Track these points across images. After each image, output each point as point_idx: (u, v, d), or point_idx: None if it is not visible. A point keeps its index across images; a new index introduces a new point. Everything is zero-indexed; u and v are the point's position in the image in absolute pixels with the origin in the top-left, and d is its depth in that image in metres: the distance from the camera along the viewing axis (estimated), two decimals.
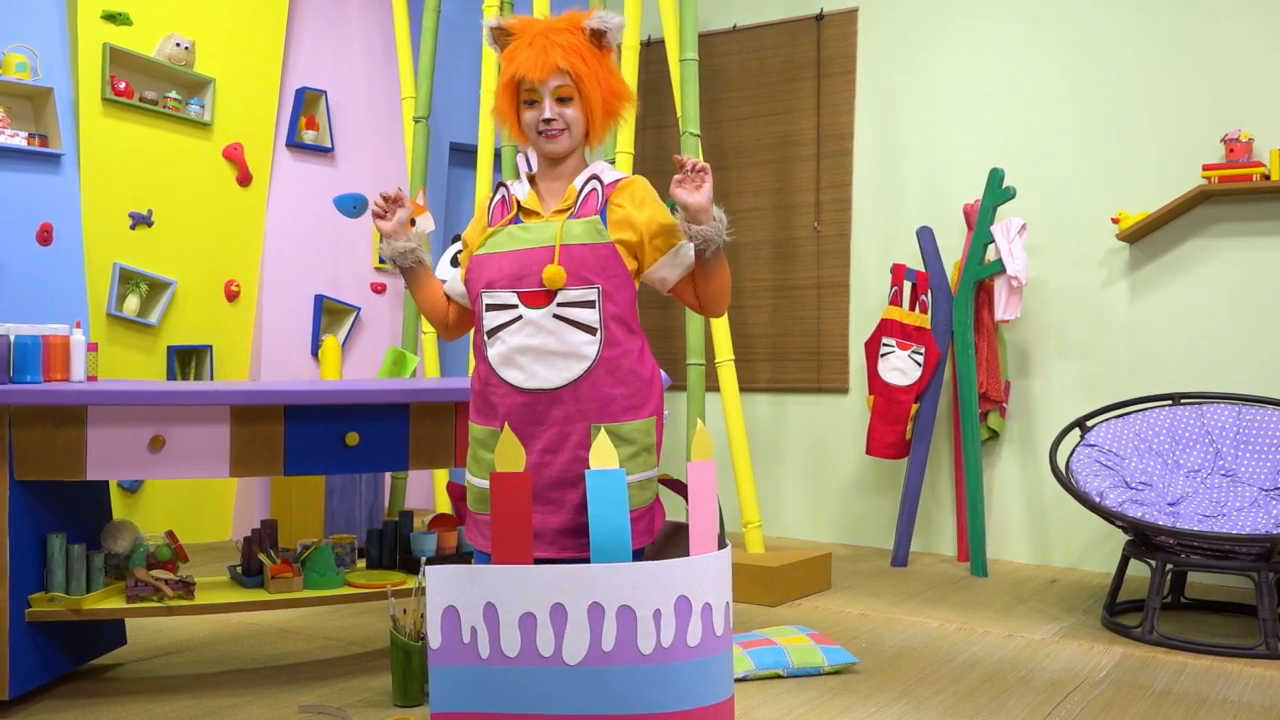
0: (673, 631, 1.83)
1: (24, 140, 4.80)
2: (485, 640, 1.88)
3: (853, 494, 5.88)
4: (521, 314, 2.22)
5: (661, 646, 1.83)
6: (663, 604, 1.83)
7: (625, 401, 2.24)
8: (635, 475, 2.22)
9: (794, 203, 6.07)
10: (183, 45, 5.30)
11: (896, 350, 5.25)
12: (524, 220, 2.29)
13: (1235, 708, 3.15)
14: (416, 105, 5.83)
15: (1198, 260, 4.98)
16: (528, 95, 2.25)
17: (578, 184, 2.30)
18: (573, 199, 2.28)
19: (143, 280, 5.23)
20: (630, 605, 1.82)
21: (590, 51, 2.25)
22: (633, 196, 2.29)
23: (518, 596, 1.84)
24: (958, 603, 4.48)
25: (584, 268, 2.22)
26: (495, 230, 2.30)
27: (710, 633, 1.87)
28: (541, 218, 2.28)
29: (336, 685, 3.26)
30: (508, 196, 2.35)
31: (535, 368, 2.21)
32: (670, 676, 1.82)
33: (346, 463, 3.23)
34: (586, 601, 1.82)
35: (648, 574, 1.82)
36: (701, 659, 1.85)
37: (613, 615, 1.82)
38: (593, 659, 1.83)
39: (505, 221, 2.30)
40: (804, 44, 6.07)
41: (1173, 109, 5.05)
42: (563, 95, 2.24)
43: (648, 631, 1.81)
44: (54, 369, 3.19)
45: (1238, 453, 4.28)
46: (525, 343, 2.22)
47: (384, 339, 6.17)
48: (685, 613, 1.85)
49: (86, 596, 3.06)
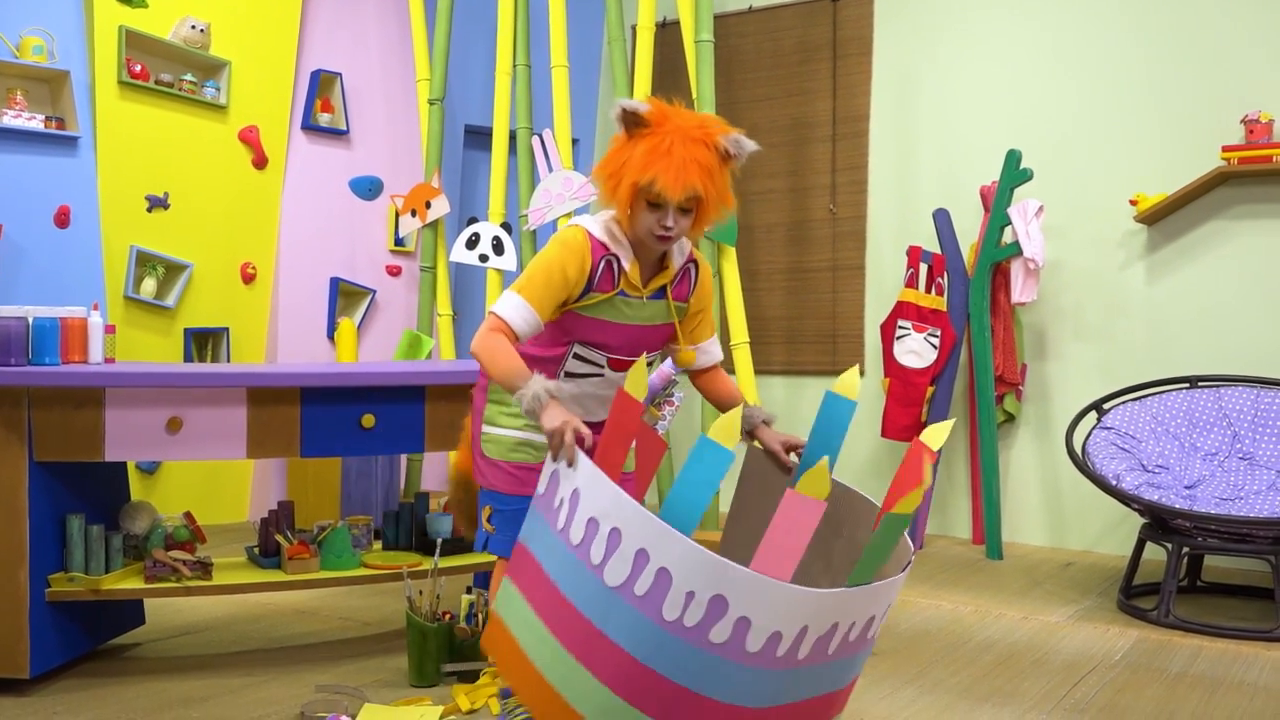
0: (873, 632, 2.06)
1: (41, 123, 4.82)
2: (698, 622, 1.90)
3: (868, 476, 5.87)
4: (604, 374, 2.56)
5: (864, 640, 2.06)
6: (878, 611, 2.04)
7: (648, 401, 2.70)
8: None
9: (809, 185, 6.05)
10: (198, 28, 5.30)
11: (912, 333, 5.24)
12: (627, 294, 2.50)
13: (1251, 690, 3.15)
14: (431, 87, 5.83)
15: (1216, 242, 4.95)
16: (654, 199, 2.36)
17: (676, 263, 2.55)
18: (670, 277, 2.54)
19: (159, 263, 5.25)
20: (864, 620, 2.01)
21: (718, 169, 2.38)
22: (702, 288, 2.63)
23: (768, 612, 1.89)
24: (973, 585, 4.48)
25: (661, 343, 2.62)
26: (601, 299, 2.47)
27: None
28: (640, 293, 2.51)
29: (353, 665, 3.28)
30: (615, 268, 2.47)
31: (596, 409, 2.57)
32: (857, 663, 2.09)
33: (362, 444, 3.25)
34: (829, 623, 1.94)
35: (873, 593, 1.98)
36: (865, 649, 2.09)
37: (844, 630, 1.97)
38: (810, 660, 1.98)
39: (613, 293, 2.48)
40: (820, 25, 6.03)
41: (1192, 90, 5.00)
42: (686, 208, 2.39)
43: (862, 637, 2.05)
44: (72, 351, 3.20)
45: (1255, 436, 4.26)
46: (597, 393, 2.56)
47: (399, 321, 6.18)
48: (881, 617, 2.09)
49: (105, 577, 3.08)
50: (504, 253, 5.49)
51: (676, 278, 2.55)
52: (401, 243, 6.13)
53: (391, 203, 6.07)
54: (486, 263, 5.48)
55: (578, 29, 6.39)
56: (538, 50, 5.91)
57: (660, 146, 2.31)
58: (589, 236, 2.44)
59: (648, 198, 2.36)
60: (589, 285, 2.44)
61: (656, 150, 2.31)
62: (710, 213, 2.41)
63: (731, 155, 2.38)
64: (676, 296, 2.56)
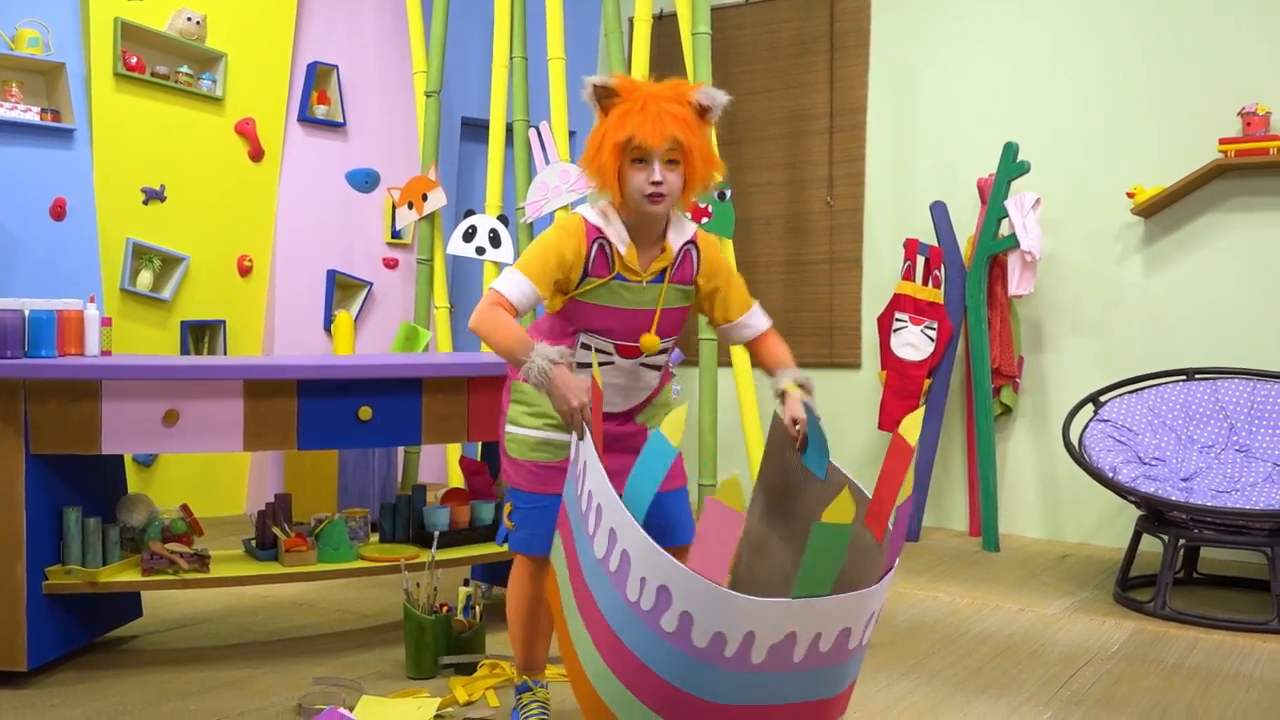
0: (861, 639, 2.05)
1: (37, 115, 4.80)
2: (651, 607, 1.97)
3: (865, 469, 5.88)
4: (615, 361, 2.54)
5: (852, 649, 2.04)
6: (855, 623, 2.01)
7: (661, 384, 2.66)
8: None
9: (807, 177, 6.05)
10: (194, 20, 5.29)
11: (909, 325, 5.24)
12: (625, 277, 2.48)
13: (1247, 682, 3.15)
14: (428, 80, 5.82)
15: (1213, 235, 4.95)
16: (637, 155, 2.38)
17: (674, 244, 2.52)
18: (670, 260, 2.51)
19: (156, 255, 5.24)
20: (834, 631, 1.99)
21: (696, 123, 2.40)
22: (710, 265, 2.58)
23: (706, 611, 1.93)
24: (970, 577, 4.49)
25: (672, 327, 2.57)
26: (598, 284, 2.47)
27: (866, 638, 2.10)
28: (640, 277, 2.49)
29: (350, 658, 3.28)
30: (609, 250, 2.47)
31: (614, 398, 2.56)
32: (839, 675, 2.06)
33: (359, 437, 3.24)
34: (782, 631, 1.95)
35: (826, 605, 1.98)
36: (853, 658, 2.07)
37: (809, 640, 1.97)
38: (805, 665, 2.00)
39: (609, 278, 2.48)
40: (817, 17, 6.03)
41: (1189, 82, 5.00)
42: (671, 159, 2.39)
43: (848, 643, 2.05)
44: (68, 343, 3.20)
45: (1252, 428, 4.26)
46: (611, 381, 2.54)
47: (396, 314, 6.18)
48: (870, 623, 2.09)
49: (102, 569, 3.08)
50: (501, 245, 5.49)
51: (677, 260, 2.52)
52: (398, 235, 6.12)
53: (388, 195, 6.06)
54: (483, 255, 5.47)
55: (575, 21, 6.38)
56: (535, 42, 5.90)
57: (634, 105, 2.37)
58: (584, 220, 2.48)
59: (632, 155, 2.38)
60: (586, 270, 2.46)
61: (630, 110, 2.36)
62: (697, 168, 2.41)
63: (705, 108, 2.41)
64: (679, 279, 2.54)
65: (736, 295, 2.64)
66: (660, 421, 2.49)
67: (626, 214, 2.47)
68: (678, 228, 2.54)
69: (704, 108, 2.41)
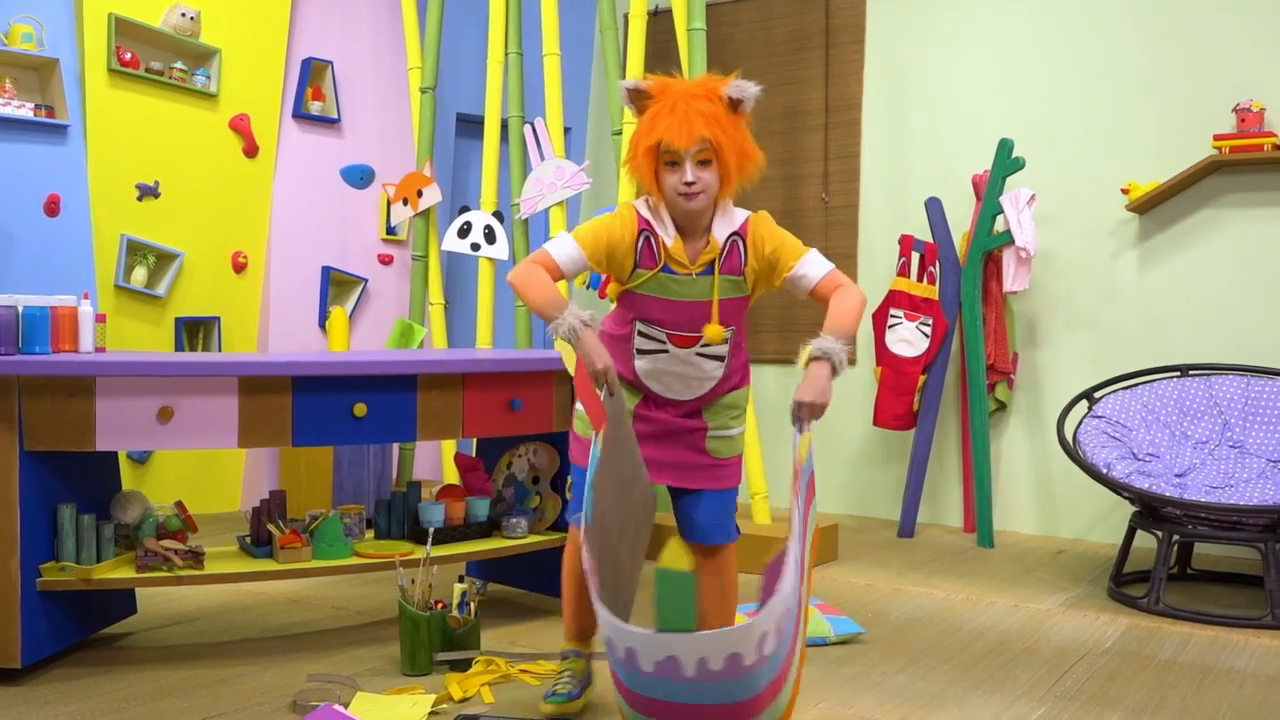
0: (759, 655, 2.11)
1: (30, 111, 4.79)
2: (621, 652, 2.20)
3: (860, 465, 5.89)
4: (669, 350, 2.59)
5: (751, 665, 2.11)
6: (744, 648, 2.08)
7: (731, 382, 2.69)
8: (740, 428, 2.74)
9: (802, 173, 6.05)
10: (188, 15, 5.28)
11: (904, 321, 5.24)
12: (673, 270, 2.54)
13: (1241, 678, 3.16)
14: (423, 75, 5.81)
15: (1208, 231, 4.96)
16: (669, 158, 2.45)
17: (719, 237, 2.55)
18: (716, 252, 2.55)
19: (150, 252, 5.23)
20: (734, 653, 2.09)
21: (728, 118, 2.45)
22: (759, 246, 2.56)
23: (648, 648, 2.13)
24: (964, 573, 4.49)
25: (729, 318, 2.59)
26: (647, 276, 2.54)
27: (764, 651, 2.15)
28: (688, 269, 2.54)
29: (345, 654, 3.28)
30: (655, 243, 2.54)
31: (675, 385, 2.64)
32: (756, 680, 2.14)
33: (354, 434, 3.24)
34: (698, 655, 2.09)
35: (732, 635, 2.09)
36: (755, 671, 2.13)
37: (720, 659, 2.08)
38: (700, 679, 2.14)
39: (656, 270, 2.54)
40: (812, 13, 6.02)
41: (1184, 78, 5.01)
42: (703, 159, 2.44)
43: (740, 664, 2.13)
44: (62, 340, 3.20)
45: (1246, 424, 4.27)
46: (669, 369, 2.61)
47: (391, 310, 6.17)
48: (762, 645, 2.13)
49: (97, 566, 3.07)
50: (496, 241, 5.48)
51: (724, 252, 2.56)
52: (393, 231, 6.11)
53: (383, 191, 6.05)
54: (478, 251, 5.47)
55: (570, 17, 6.37)
56: (530, 38, 5.89)
57: (664, 108, 2.42)
58: (636, 211, 2.56)
59: (664, 159, 2.45)
60: (636, 261, 2.54)
61: (660, 111, 2.43)
62: (730, 161, 2.46)
63: (737, 100, 2.46)
64: (728, 270, 2.57)
65: (788, 250, 2.57)
66: (728, 423, 2.69)
67: (671, 209, 2.53)
68: (725, 219, 2.58)
69: (735, 100, 2.46)
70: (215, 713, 2.78)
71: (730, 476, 2.74)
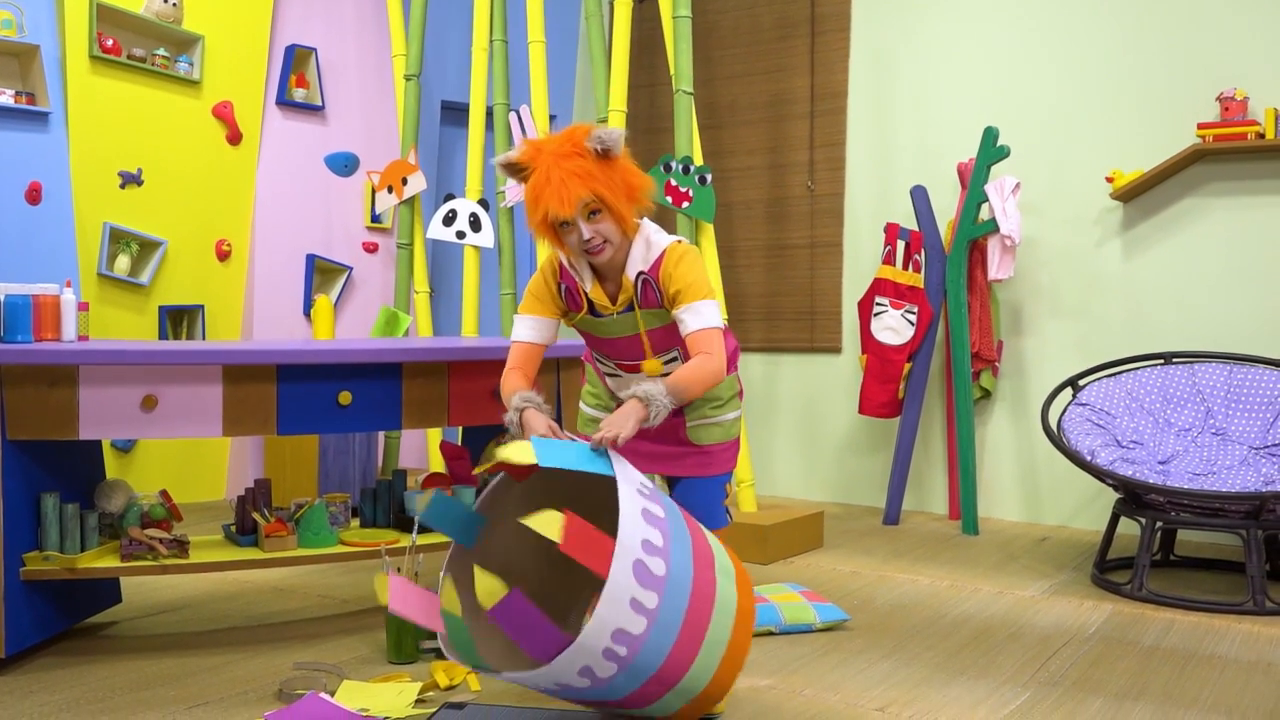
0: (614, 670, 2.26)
1: (11, 98, 4.76)
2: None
3: (845, 453, 5.90)
4: (620, 376, 2.83)
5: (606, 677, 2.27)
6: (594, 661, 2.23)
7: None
8: (725, 415, 2.84)
9: (787, 161, 6.05)
10: (171, 1, 5.24)
11: (890, 309, 5.25)
12: (599, 312, 2.70)
13: (1223, 663, 3.18)
14: (407, 63, 5.78)
15: (1191, 219, 4.98)
16: (559, 223, 2.55)
17: (632, 276, 2.64)
18: (631, 293, 2.65)
19: (133, 240, 5.20)
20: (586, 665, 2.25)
21: (600, 167, 2.49)
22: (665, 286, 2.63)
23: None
24: (949, 560, 4.51)
25: (665, 343, 2.71)
26: (579, 317, 2.74)
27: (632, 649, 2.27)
28: (610, 310, 2.68)
29: (331, 643, 3.28)
30: (575, 290, 2.70)
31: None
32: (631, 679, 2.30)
33: (339, 422, 3.23)
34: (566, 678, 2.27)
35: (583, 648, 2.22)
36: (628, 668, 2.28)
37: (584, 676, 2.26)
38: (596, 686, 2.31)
39: (583, 313, 2.72)
40: (798, 2, 6.01)
41: (1168, 67, 5.02)
42: (593, 210, 2.52)
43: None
44: (45, 329, 3.18)
45: (1228, 411, 4.30)
46: (632, 386, 2.64)
47: (376, 298, 6.16)
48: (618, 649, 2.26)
49: (81, 555, 3.06)
50: (481, 229, 5.47)
51: (637, 291, 2.65)
52: (378, 219, 6.09)
53: (368, 179, 6.03)
54: (464, 239, 5.46)
55: (555, 4, 6.35)
56: (515, 25, 5.87)
57: (539, 179, 2.50)
58: (555, 264, 2.75)
59: (554, 226, 2.55)
60: (565, 307, 2.75)
61: (537, 183, 2.51)
62: (618, 206, 2.52)
63: (604, 149, 2.49)
64: (646, 305, 2.67)
65: (685, 294, 2.60)
66: (707, 413, 2.81)
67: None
68: (642, 253, 2.64)
69: (603, 150, 2.49)
70: (201, 701, 2.78)
71: (720, 463, 2.85)
